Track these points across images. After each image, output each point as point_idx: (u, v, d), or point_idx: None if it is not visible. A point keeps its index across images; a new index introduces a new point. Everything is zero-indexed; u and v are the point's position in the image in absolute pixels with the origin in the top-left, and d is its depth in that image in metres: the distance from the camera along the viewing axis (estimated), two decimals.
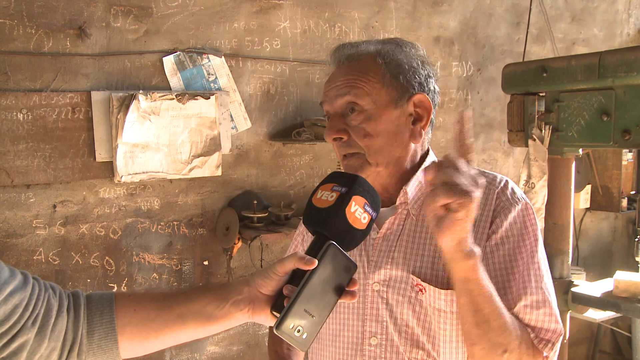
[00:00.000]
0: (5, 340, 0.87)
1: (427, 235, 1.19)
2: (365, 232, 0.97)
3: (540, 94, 2.48)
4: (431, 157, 1.28)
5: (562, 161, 2.48)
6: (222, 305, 0.97)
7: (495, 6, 3.55)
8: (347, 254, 0.95)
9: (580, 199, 3.88)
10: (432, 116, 1.23)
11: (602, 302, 2.58)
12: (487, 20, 3.53)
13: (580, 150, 2.49)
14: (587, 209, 4.08)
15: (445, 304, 1.14)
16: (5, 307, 0.87)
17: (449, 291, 1.12)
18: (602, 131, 2.22)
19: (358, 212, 0.95)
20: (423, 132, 1.22)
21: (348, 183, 0.97)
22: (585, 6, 3.95)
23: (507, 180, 1.22)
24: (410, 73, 1.20)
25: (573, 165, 2.51)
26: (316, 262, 0.90)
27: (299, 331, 0.88)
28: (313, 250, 0.93)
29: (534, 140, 2.46)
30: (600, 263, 4.26)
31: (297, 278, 0.92)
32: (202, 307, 0.99)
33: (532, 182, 2.52)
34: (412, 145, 1.23)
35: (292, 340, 0.88)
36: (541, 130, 2.44)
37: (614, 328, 4.02)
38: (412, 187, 1.22)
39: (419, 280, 1.15)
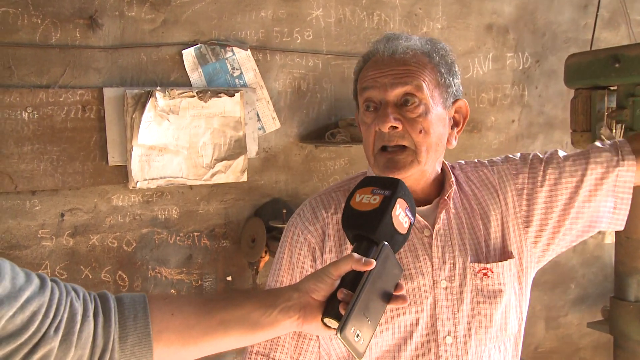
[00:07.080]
0: (25, 350, 0.84)
1: (468, 221, 1.30)
2: (405, 237, 1.00)
3: (611, 88, 2.39)
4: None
5: None
6: (269, 312, 0.97)
7: None
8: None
9: None
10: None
11: None
12: (548, 3, 3.33)
13: None
14: None
15: (511, 274, 1.27)
16: (22, 316, 0.83)
17: (508, 261, 1.27)
18: None
19: (401, 215, 0.98)
20: (456, 139, 1.33)
21: (390, 186, 0.99)
22: None
23: (487, 160, 1.38)
24: (456, 77, 1.29)
25: None
26: (374, 263, 0.91)
27: (357, 335, 0.88)
28: (363, 254, 0.95)
29: (603, 141, 2.27)
30: None
31: (349, 282, 0.93)
32: (247, 314, 0.98)
33: None
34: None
35: (351, 345, 0.88)
36: (611, 130, 2.34)
37: None
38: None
39: (482, 265, 1.25)
